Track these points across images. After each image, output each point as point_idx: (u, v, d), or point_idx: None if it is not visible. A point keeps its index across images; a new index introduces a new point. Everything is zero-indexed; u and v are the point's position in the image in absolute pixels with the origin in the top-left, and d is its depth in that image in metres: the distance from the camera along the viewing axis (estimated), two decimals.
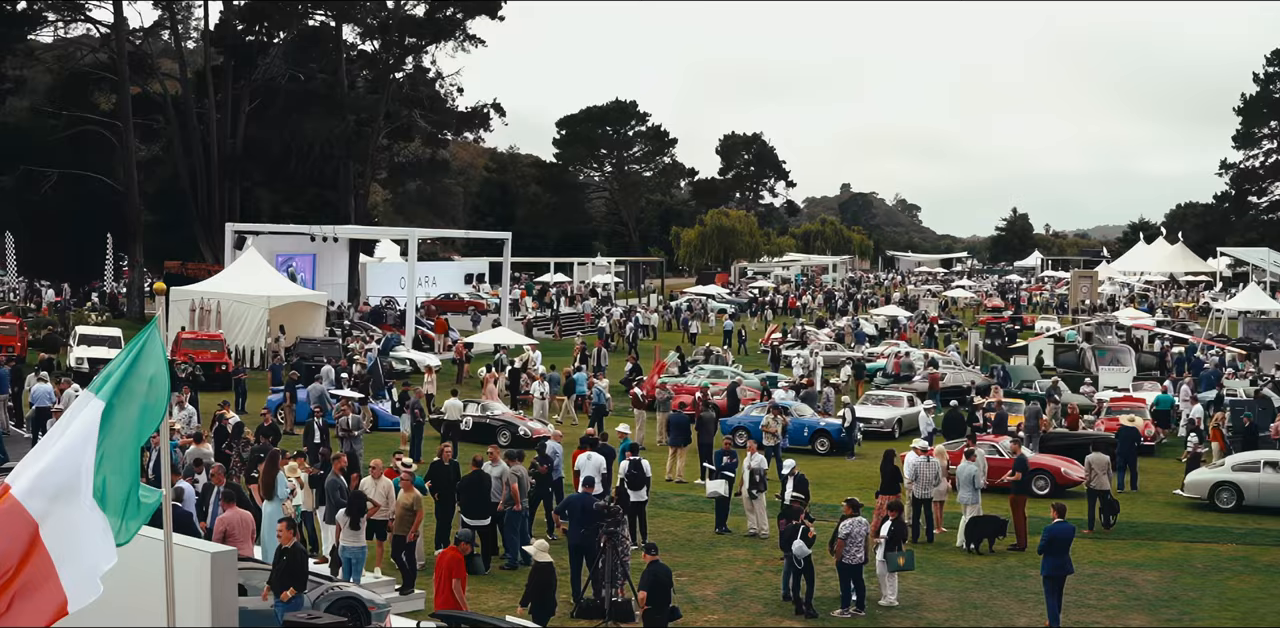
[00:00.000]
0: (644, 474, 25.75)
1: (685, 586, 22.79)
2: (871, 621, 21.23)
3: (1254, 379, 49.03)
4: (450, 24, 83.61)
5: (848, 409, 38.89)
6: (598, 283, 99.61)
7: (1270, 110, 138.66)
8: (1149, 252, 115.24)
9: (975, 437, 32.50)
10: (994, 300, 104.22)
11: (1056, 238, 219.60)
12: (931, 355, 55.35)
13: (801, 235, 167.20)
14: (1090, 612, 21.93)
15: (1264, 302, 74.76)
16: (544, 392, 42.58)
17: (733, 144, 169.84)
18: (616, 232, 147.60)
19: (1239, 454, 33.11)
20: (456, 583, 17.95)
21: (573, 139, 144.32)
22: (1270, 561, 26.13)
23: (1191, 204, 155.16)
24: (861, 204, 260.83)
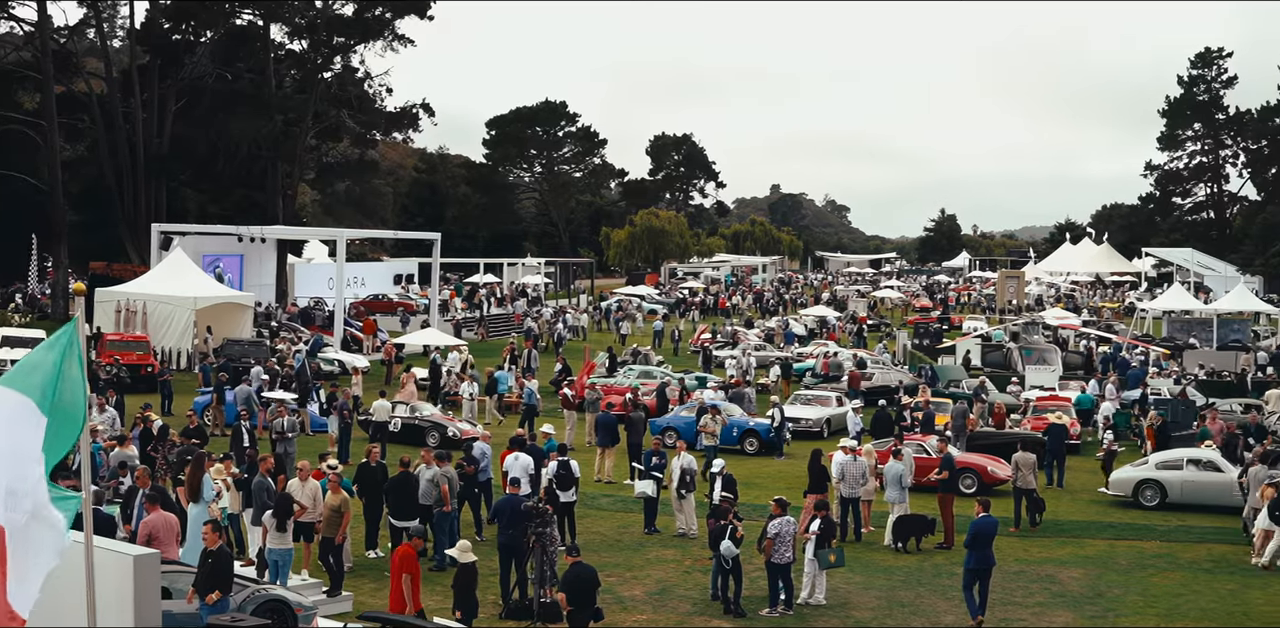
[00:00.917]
0: (572, 475, 25.76)
1: (614, 586, 22.80)
2: (799, 620, 21.30)
3: (1178, 378, 49.56)
4: (379, 24, 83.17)
5: (776, 409, 38.98)
6: (528, 284, 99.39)
7: (1194, 112, 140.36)
8: (1075, 252, 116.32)
9: (903, 436, 32.76)
10: (922, 301, 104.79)
11: (984, 239, 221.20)
12: (860, 356, 55.62)
13: (731, 236, 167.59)
14: (1016, 609, 22.12)
15: (1187, 302, 75.57)
16: (473, 393, 42.47)
17: (663, 145, 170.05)
18: (546, 232, 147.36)
19: (1162, 452, 33.49)
20: (408, 579, 17.92)
21: (502, 139, 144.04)
22: (1193, 558, 26.43)
23: (1117, 205, 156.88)
24: (791, 205, 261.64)
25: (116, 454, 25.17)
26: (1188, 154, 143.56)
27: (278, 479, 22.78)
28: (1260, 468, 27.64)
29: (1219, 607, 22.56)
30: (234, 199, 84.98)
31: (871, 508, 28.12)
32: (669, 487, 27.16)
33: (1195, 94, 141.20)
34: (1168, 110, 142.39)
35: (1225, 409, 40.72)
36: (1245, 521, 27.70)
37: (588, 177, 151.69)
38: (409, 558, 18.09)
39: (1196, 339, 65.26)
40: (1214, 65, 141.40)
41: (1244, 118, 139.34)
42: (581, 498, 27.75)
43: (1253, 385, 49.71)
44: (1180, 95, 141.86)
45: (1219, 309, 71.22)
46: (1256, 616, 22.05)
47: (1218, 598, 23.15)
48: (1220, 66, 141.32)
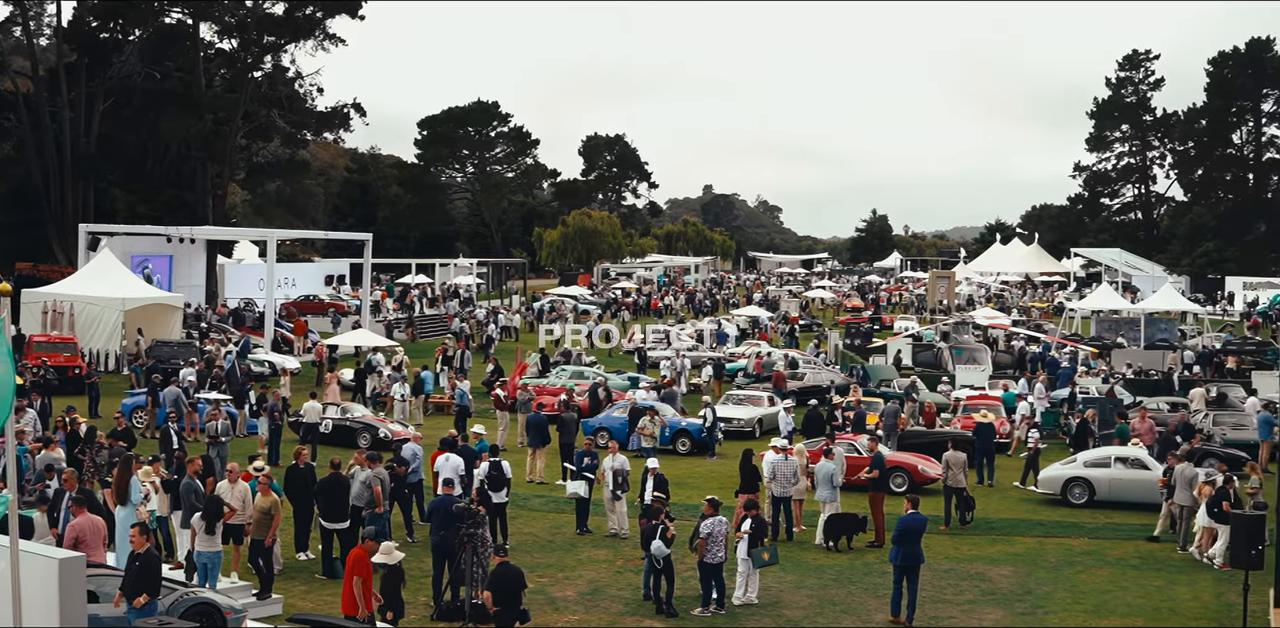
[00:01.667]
0: (504, 476, 25.73)
1: (546, 586, 22.80)
2: (731, 619, 21.34)
3: (1106, 377, 49.99)
4: (310, 23, 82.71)
5: (708, 409, 39.04)
6: (460, 284, 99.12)
7: (1121, 114, 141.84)
8: (1005, 253, 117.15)
9: (834, 435, 32.89)
10: (854, 301, 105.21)
11: (915, 239, 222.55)
12: (792, 356, 55.80)
13: (664, 236, 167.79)
14: (946, 607, 22.26)
15: (1115, 301, 76.24)
16: (404, 393, 42.30)
17: (595, 145, 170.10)
18: (479, 233, 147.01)
19: (1090, 451, 33.80)
20: (358, 581, 17.84)
21: (434, 139, 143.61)
22: (1120, 554, 26.69)
23: (1047, 206, 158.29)
24: (724, 205, 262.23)
25: (43, 457, 24.91)
26: (1116, 155, 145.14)
27: (206, 481, 22.62)
28: (1186, 466, 27.91)
29: (1146, 602, 22.80)
30: (163, 199, 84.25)
31: (803, 507, 28.25)
32: (603, 487, 27.11)
33: (1123, 96, 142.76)
34: (1096, 112, 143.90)
35: (1153, 408, 41.10)
36: (1175, 517, 27.97)
37: (520, 177, 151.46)
38: (361, 560, 18.02)
39: (1124, 339, 65.82)
40: (1141, 67, 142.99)
41: (1171, 119, 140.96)
42: (513, 499, 27.75)
43: (1179, 384, 50.22)
44: (1108, 97, 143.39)
45: (1146, 309, 71.89)
46: (1183, 611, 22.29)
47: (1145, 594, 23.39)
48: (1147, 69, 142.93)
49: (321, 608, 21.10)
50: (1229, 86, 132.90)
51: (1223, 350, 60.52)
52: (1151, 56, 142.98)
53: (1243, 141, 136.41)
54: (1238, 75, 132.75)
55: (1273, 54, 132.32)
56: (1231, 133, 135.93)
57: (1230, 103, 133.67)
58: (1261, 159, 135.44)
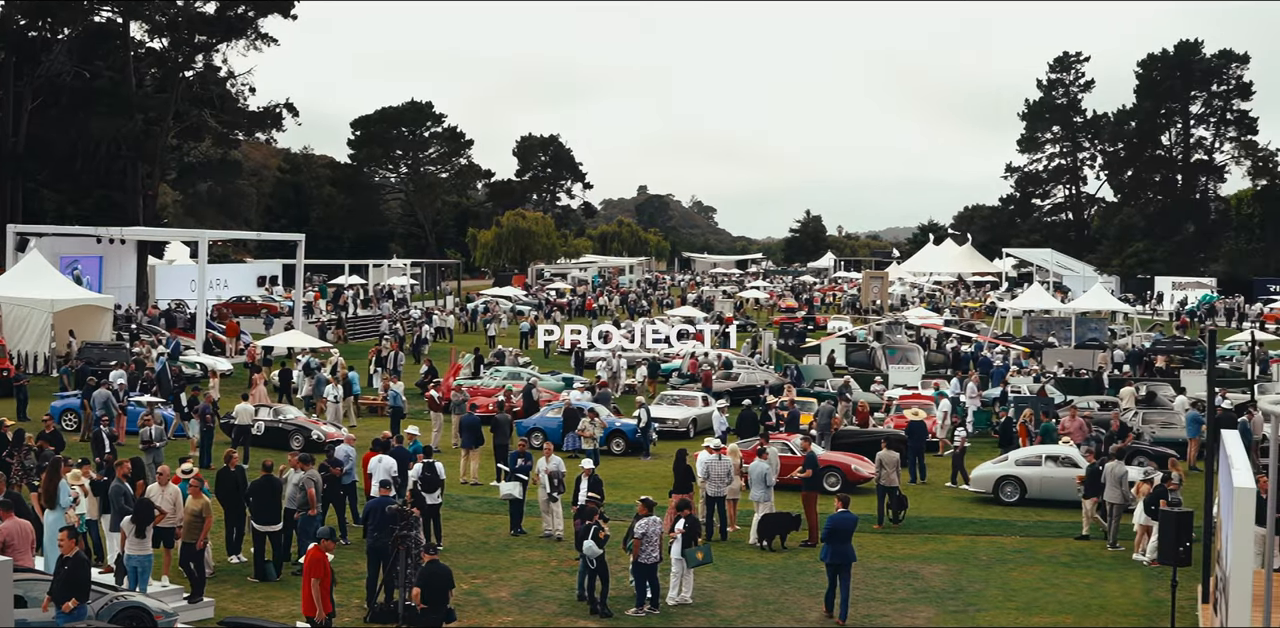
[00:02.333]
0: (438, 477, 25.66)
1: (480, 588, 22.78)
2: (666, 619, 21.36)
3: (1037, 376, 50.34)
4: (241, 22, 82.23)
5: (643, 409, 39.06)
6: (393, 285, 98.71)
7: (1052, 115, 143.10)
8: (938, 253, 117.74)
9: (768, 435, 32.95)
10: (788, 301, 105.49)
11: (849, 239, 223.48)
12: (726, 356, 55.91)
13: (598, 237, 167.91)
14: (879, 605, 22.37)
15: (1047, 301, 76.77)
16: (337, 395, 42.06)
17: (529, 146, 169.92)
18: (412, 233, 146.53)
19: (1022, 449, 34.04)
20: (316, 583, 17.73)
21: (368, 140, 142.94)
22: (1051, 552, 26.91)
23: (979, 206, 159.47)
24: (658, 206, 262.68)
25: None
26: (1047, 156, 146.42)
27: (136, 484, 22.42)
28: (1116, 464, 28.15)
29: (1076, 600, 22.99)
30: (93, 199, 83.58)
31: (737, 507, 28.31)
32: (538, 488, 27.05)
33: (1054, 97, 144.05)
34: (1027, 113, 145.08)
35: (1083, 407, 41.44)
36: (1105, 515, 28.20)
37: (454, 177, 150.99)
38: (319, 562, 17.92)
39: (1055, 338, 66.33)
40: (1072, 69, 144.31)
41: (1101, 121, 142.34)
42: (447, 500, 27.70)
43: (1109, 383, 50.64)
44: (1039, 99, 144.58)
45: (1077, 308, 72.51)
46: (1113, 608, 22.49)
47: (1075, 591, 23.60)
48: (1078, 71, 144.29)
49: (254, 611, 20.98)
50: (1158, 88, 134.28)
51: (1152, 350, 61.06)
52: (1082, 58, 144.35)
53: (1171, 143, 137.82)
54: (1166, 77, 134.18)
55: (1201, 56, 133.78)
56: (1160, 134, 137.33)
57: (1159, 104, 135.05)
58: (1190, 160, 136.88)
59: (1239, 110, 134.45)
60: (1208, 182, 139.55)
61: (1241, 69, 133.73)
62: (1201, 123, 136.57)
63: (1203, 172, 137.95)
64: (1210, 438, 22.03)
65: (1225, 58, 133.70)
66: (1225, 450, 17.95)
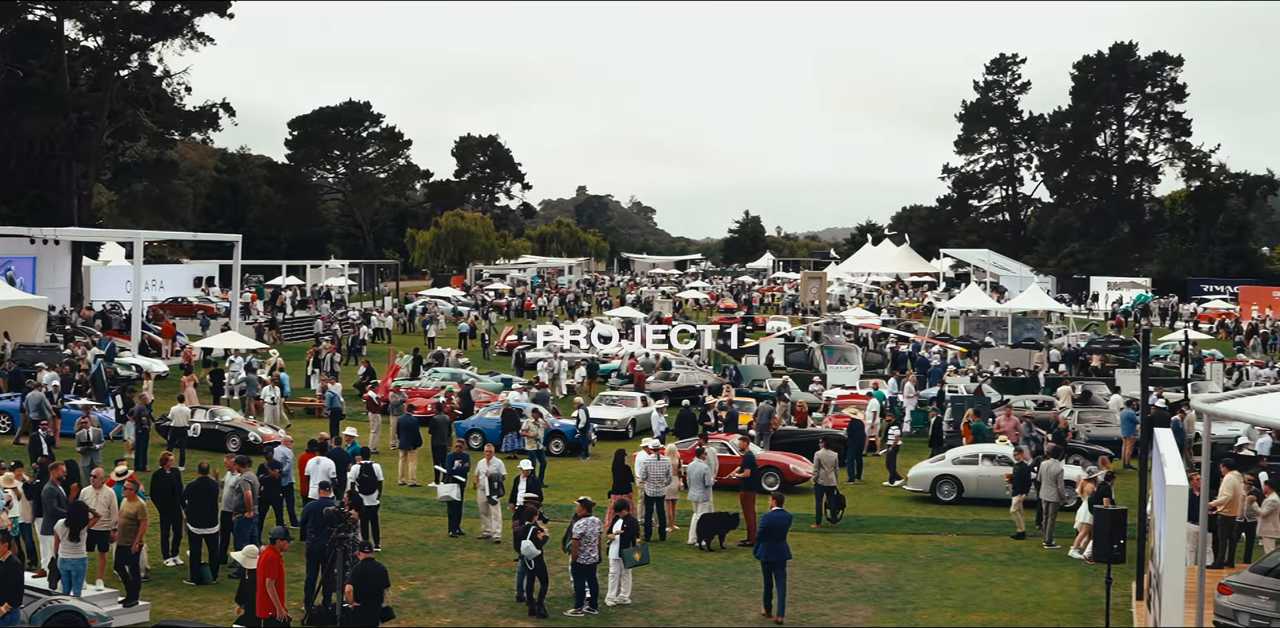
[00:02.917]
0: (375, 478, 25.56)
1: (418, 589, 22.73)
2: (605, 619, 21.38)
3: (974, 376, 50.66)
4: (178, 21, 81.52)
5: (581, 410, 39.05)
6: (331, 286, 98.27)
7: (989, 117, 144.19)
8: (876, 253, 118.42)
9: (706, 435, 33.02)
10: (727, 301, 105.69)
11: (787, 240, 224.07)
12: (664, 356, 55.94)
13: (538, 237, 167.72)
14: (818, 604, 22.46)
15: (983, 301, 77.34)
16: (274, 397, 41.83)
17: (468, 146, 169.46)
18: (350, 234, 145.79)
19: (958, 448, 34.26)
20: (271, 583, 17.64)
21: (305, 140, 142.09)
22: (988, 550, 27.10)
23: (916, 207, 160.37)
24: (597, 206, 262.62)
25: None
26: (983, 157, 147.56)
27: (70, 487, 22.23)
28: (1052, 462, 28.36)
29: (1013, 597, 23.16)
30: (27, 199, 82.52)
31: (675, 507, 28.36)
32: (478, 490, 26.98)
33: (990, 99, 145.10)
34: (964, 115, 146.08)
35: (1019, 406, 41.74)
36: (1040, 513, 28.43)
37: (392, 178, 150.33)
38: (273, 562, 17.84)
39: (992, 338, 66.81)
40: (1008, 71, 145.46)
41: (1037, 122, 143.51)
42: (385, 501, 27.58)
43: (1046, 382, 51.03)
44: (976, 100, 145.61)
45: (1013, 308, 73.09)
46: (1049, 605, 22.67)
47: (1012, 589, 23.77)
48: (1014, 72, 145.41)
49: (190, 614, 20.85)
50: (1093, 90, 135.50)
51: (1087, 349, 61.60)
52: (1018, 60, 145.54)
53: (1107, 144, 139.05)
54: (1101, 79, 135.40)
55: (1135, 58, 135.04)
56: (1096, 135, 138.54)
57: (1094, 106, 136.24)
58: (1125, 161, 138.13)
59: (1173, 112, 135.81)
60: (1142, 183, 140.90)
61: (1175, 71, 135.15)
62: (1136, 124, 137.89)
63: (1137, 173, 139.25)
64: (1144, 437, 22.23)
65: (1159, 60, 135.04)
66: (1158, 449, 18.13)
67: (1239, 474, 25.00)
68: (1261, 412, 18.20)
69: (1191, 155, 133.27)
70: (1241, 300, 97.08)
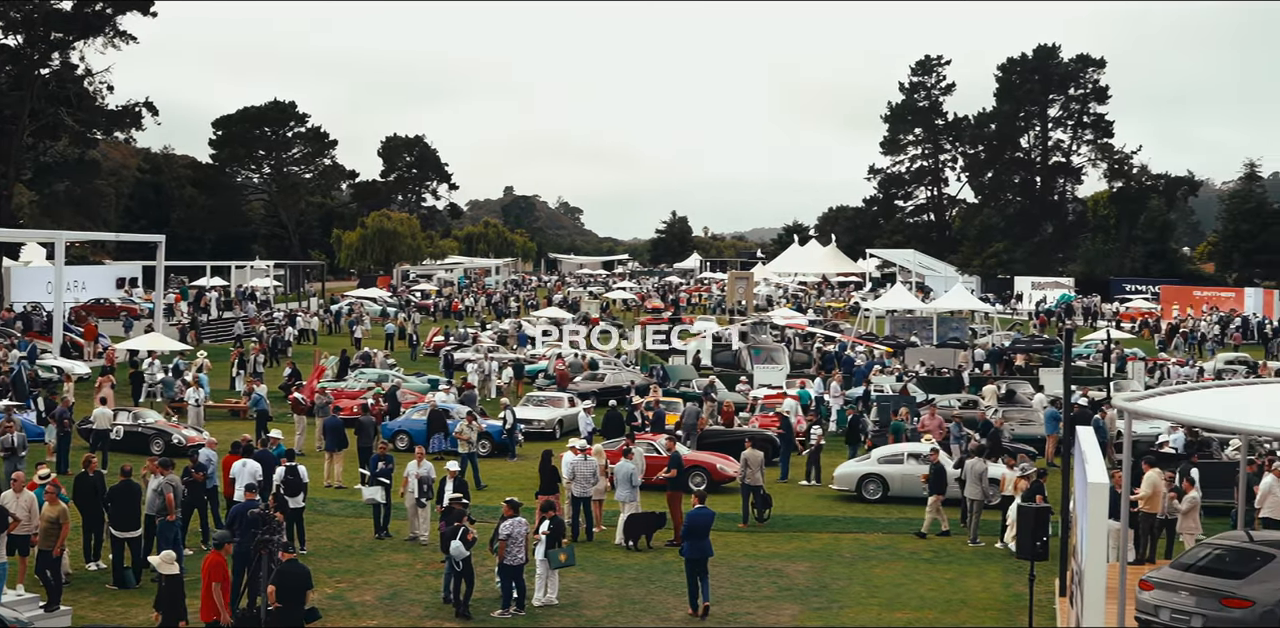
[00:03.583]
0: (301, 480, 25.43)
1: (344, 591, 22.64)
2: (531, 620, 21.36)
3: (900, 375, 50.93)
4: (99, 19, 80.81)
5: (508, 411, 38.99)
6: (256, 287, 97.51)
7: (914, 117, 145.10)
8: (802, 253, 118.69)
9: (633, 435, 33.05)
10: (654, 302, 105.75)
11: (715, 240, 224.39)
12: (591, 356, 55.97)
13: (464, 238, 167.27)
14: (744, 603, 22.52)
15: (909, 301, 77.74)
16: (198, 399, 41.50)
17: (394, 146, 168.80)
18: (276, 234, 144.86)
19: (884, 447, 34.47)
20: (217, 587, 17.50)
21: (229, 140, 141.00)
22: (913, 548, 27.28)
23: (843, 208, 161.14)
24: (524, 207, 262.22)
25: None
26: (909, 158, 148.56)
27: None
28: (976, 461, 28.58)
29: (937, 595, 23.33)
30: None
31: (603, 507, 28.39)
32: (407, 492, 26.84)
33: (916, 100, 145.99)
34: (890, 116, 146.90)
35: (944, 405, 42.02)
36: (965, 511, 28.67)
37: (318, 178, 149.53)
38: (218, 566, 17.69)
39: (917, 337, 67.20)
40: (933, 73, 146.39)
41: (962, 123, 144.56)
42: (311, 504, 27.46)
43: (970, 381, 51.37)
44: (902, 101, 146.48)
45: (939, 308, 73.53)
46: (973, 602, 22.85)
47: (937, 587, 23.94)
48: (939, 74, 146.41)
49: (112, 619, 20.66)
50: (1017, 92, 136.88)
51: (1012, 348, 62.06)
52: (943, 62, 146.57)
53: (1030, 145, 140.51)
54: (1025, 81, 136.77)
55: (1058, 60, 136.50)
56: (1019, 137, 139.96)
57: (1018, 107, 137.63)
58: (1048, 162, 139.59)
59: (1095, 114, 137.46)
60: (1065, 183, 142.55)
61: (1098, 73, 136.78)
62: (1059, 126, 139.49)
63: (1060, 173, 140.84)
64: (1066, 435, 22.43)
65: (1082, 62, 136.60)
66: (1080, 447, 18.29)
67: (1160, 471, 25.28)
68: (1181, 410, 18.40)
69: (1114, 156, 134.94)
70: (1163, 300, 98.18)
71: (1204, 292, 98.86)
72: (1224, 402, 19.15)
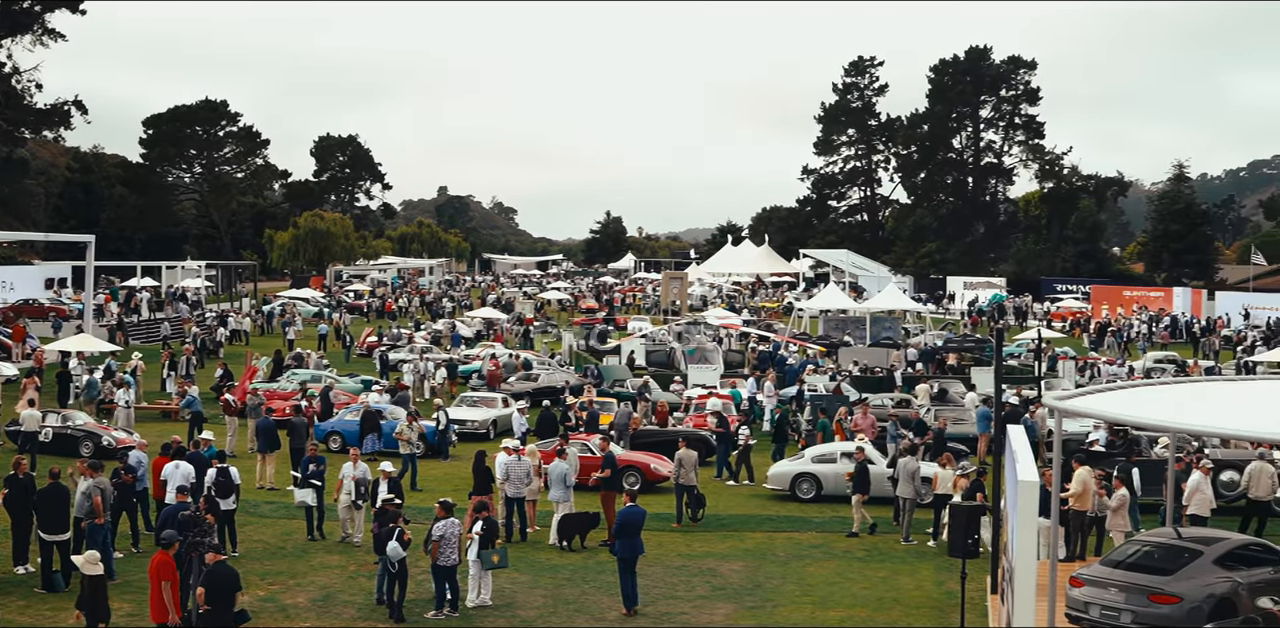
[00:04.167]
0: (232, 482, 25.24)
1: (277, 594, 22.50)
2: (465, 621, 21.31)
3: (833, 375, 51.11)
4: (27, 17, 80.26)
5: (441, 412, 38.87)
6: (188, 287, 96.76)
7: (848, 118, 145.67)
8: (736, 253, 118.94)
9: (567, 436, 33.03)
10: (588, 302, 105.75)
11: (649, 240, 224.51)
12: (525, 357, 55.91)
13: (398, 238, 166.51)
14: (678, 602, 22.55)
15: (842, 301, 78.04)
16: (129, 400, 41.13)
17: (327, 146, 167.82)
18: (207, 234, 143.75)
19: (817, 446, 34.59)
20: (167, 586, 17.34)
21: (160, 139, 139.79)
22: (846, 547, 27.40)
23: (776, 208, 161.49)
24: (458, 207, 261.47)
25: None
26: (842, 159, 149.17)
27: None
28: (909, 460, 28.74)
29: (871, 593, 23.43)
30: None
31: (536, 507, 28.35)
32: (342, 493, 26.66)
33: (849, 101, 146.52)
34: (823, 116, 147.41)
35: (877, 404, 42.22)
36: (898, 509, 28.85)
37: (250, 177, 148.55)
38: (166, 565, 17.53)
39: (851, 337, 67.47)
40: (867, 73, 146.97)
41: (894, 124, 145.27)
42: (243, 505, 27.26)
43: (903, 381, 51.62)
44: (835, 102, 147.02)
45: (872, 308, 73.86)
46: (906, 600, 22.97)
47: (870, 585, 24.05)
48: (873, 75, 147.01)
49: (40, 623, 20.49)
50: (949, 93, 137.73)
51: (944, 348, 62.42)
52: (876, 63, 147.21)
53: (962, 146, 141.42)
54: (957, 82, 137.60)
55: (990, 61, 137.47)
56: (952, 137, 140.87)
57: (950, 109, 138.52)
58: (980, 163, 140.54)
59: (1027, 115, 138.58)
60: (997, 184, 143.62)
61: (1029, 75, 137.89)
62: (991, 127, 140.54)
63: (992, 174, 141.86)
64: (997, 433, 22.58)
65: (1014, 64, 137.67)
66: (1011, 445, 18.41)
67: (1090, 469, 25.51)
68: (1110, 408, 18.57)
69: (1045, 157, 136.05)
70: (1093, 300, 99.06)
71: (1133, 291, 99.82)
72: (1153, 400, 19.35)
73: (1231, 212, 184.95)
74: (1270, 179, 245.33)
